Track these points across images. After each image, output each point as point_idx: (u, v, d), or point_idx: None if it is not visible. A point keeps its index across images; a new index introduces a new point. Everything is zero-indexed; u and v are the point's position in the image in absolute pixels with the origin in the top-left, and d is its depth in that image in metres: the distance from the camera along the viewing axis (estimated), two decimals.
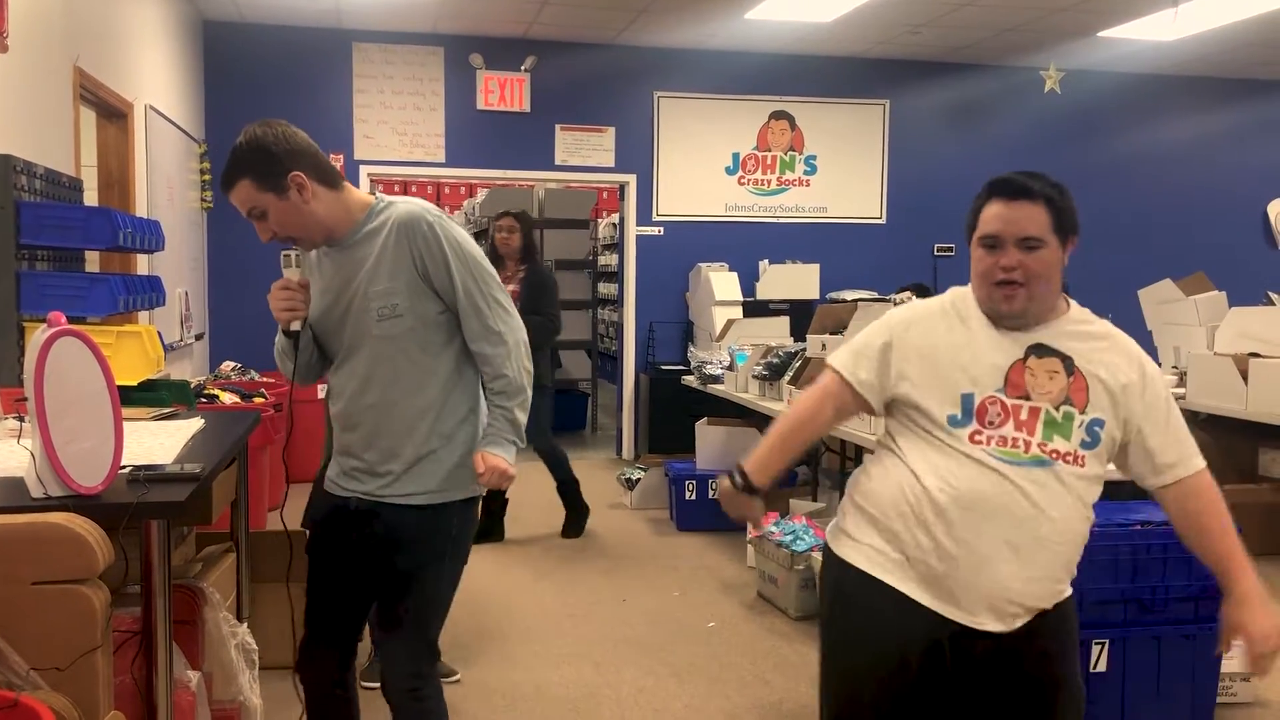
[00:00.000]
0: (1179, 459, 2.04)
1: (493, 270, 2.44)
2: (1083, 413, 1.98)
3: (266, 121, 2.34)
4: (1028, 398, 1.98)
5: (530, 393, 2.44)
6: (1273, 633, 1.97)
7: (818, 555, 4.54)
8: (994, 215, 1.99)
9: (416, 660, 2.46)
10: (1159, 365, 6.78)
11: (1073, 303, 2.08)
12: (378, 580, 2.46)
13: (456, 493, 2.43)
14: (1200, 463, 2.05)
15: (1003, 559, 1.95)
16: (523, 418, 2.42)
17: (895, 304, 6.41)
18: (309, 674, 2.57)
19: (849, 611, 2.10)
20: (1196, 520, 2.05)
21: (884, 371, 2.08)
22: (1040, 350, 2.00)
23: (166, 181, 6.30)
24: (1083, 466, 1.98)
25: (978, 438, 1.98)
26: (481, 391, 2.51)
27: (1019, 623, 2.00)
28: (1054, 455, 1.96)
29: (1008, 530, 1.95)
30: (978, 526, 1.95)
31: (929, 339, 2.05)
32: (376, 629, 2.51)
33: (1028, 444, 1.96)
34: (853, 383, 2.11)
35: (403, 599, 2.43)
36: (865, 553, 2.07)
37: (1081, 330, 2.04)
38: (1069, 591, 2.08)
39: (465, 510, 2.47)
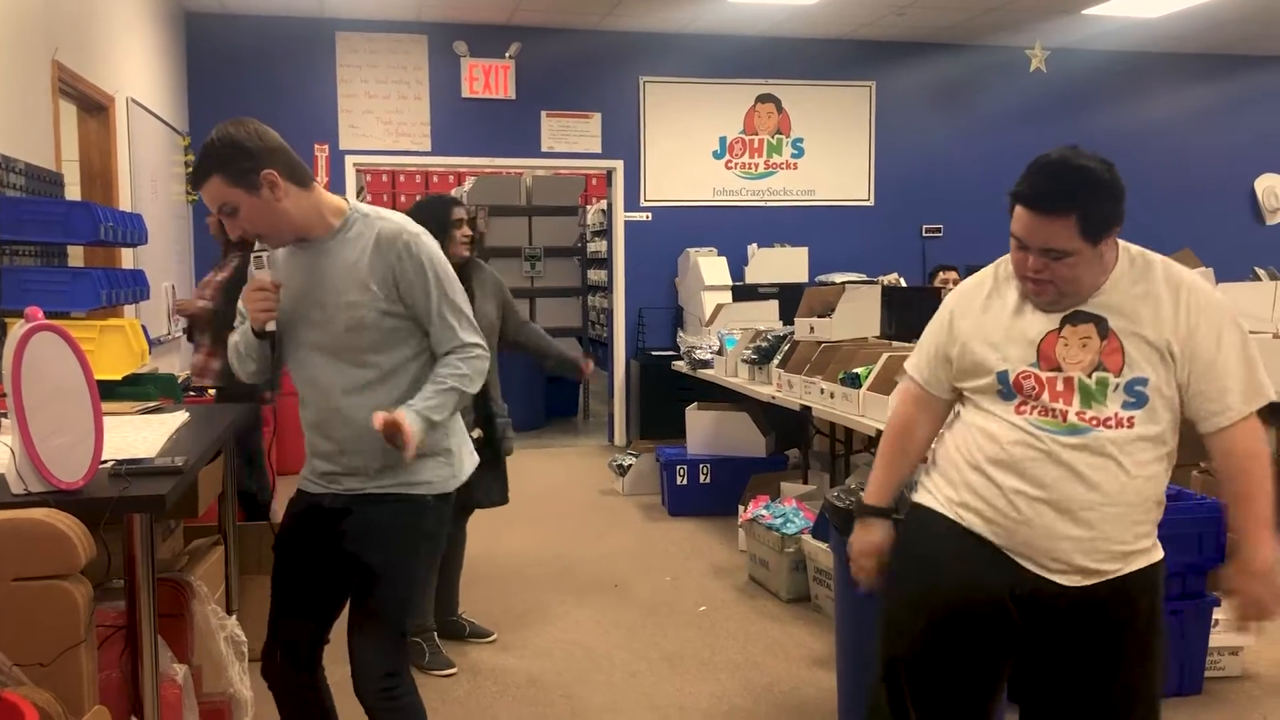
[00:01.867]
0: (1220, 409, 1.98)
1: (460, 286, 2.46)
2: (1119, 375, 1.97)
3: (239, 120, 2.33)
4: (1059, 369, 2.00)
5: (464, 398, 2.42)
6: (1264, 600, 2.00)
7: (808, 538, 4.56)
8: (1022, 221, 1.98)
9: (390, 659, 2.43)
10: None
11: (1123, 253, 2.02)
12: (349, 578, 2.43)
13: (429, 488, 2.43)
14: (1238, 412, 1.97)
15: (1047, 521, 2.00)
16: (441, 411, 2.37)
17: (883, 286, 6.41)
18: (273, 675, 2.53)
19: (919, 542, 2.17)
20: (1226, 482, 2.04)
21: (943, 366, 2.18)
22: (1075, 318, 2.01)
23: (150, 175, 6.27)
24: (1131, 428, 1.98)
25: (1022, 409, 2.04)
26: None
27: (1081, 580, 2.01)
28: (1094, 422, 1.97)
29: (1048, 494, 1.99)
30: (1022, 488, 2.01)
31: (970, 324, 2.12)
32: (350, 628, 2.47)
33: (1064, 414, 1.99)
34: (921, 383, 2.23)
35: (375, 594, 2.41)
36: (939, 499, 2.15)
37: (1126, 285, 2.00)
38: (1153, 555, 2.07)
39: (439, 507, 2.46)
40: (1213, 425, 2.00)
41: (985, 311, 2.10)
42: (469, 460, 2.55)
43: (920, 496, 2.21)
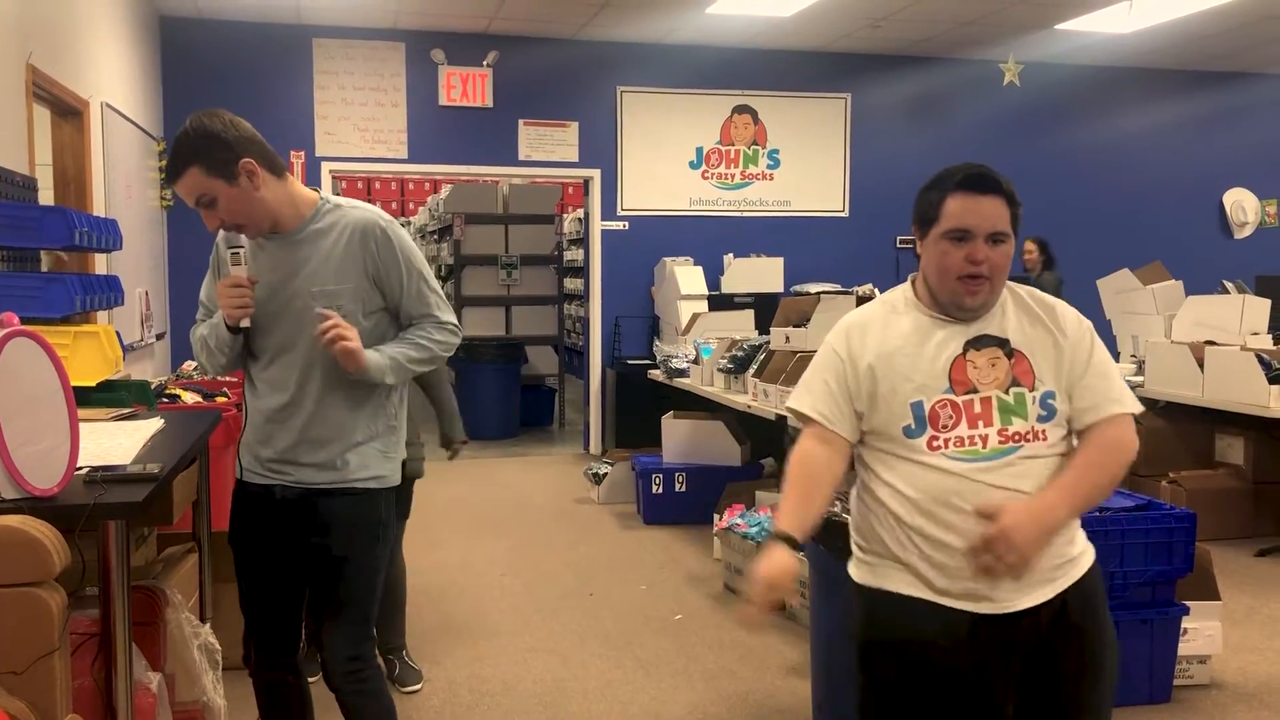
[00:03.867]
0: (1092, 404, 2.00)
1: (431, 274, 2.53)
2: (1033, 390, 1.99)
3: (211, 110, 2.34)
4: (975, 390, 1.98)
5: (430, 364, 2.49)
6: (1014, 528, 1.86)
7: None
8: (963, 209, 1.96)
9: (356, 644, 2.49)
10: (1116, 354, 6.89)
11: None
12: (310, 567, 2.48)
13: (384, 480, 2.50)
14: (1116, 409, 2.00)
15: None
16: (407, 363, 2.43)
17: (857, 297, 6.46)
18: (258, 665, 2.59)
19: (887, 629, 2.05)
20: (1081, 453, 2.00)
21: (843, 400, 2.04)
22: (979, 342, 2.00)
23: (124, 180, 6.23)
24: (1045, 440, 1.98)
25: (934, 443, 1.97)
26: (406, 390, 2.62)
27: (1046, 590, 1.97)
28: (1016, 439, 1.96)
29: (978, 527, 1.92)
30: (957, 525, 1.94)
31: (871, 352, 2.03)
32: (313, 617, 2.53)
33: (985, 439, 1.96)
34: (823, 420, 2.05)
35: (338, 584, 2.47)
36: (881, 572, 2.05)
37: (1013, 308, 2.05)
38: (1086, 559, 2.04)
39: (388, 497, 2.54)
40: (1096, 415, 2.00)
41: (886, 341, 2.03)
42: (403, 453, 2.61)
43: (869, 577, 2.08)
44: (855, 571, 2.13)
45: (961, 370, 1.99)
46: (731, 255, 8.65)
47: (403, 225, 3.10)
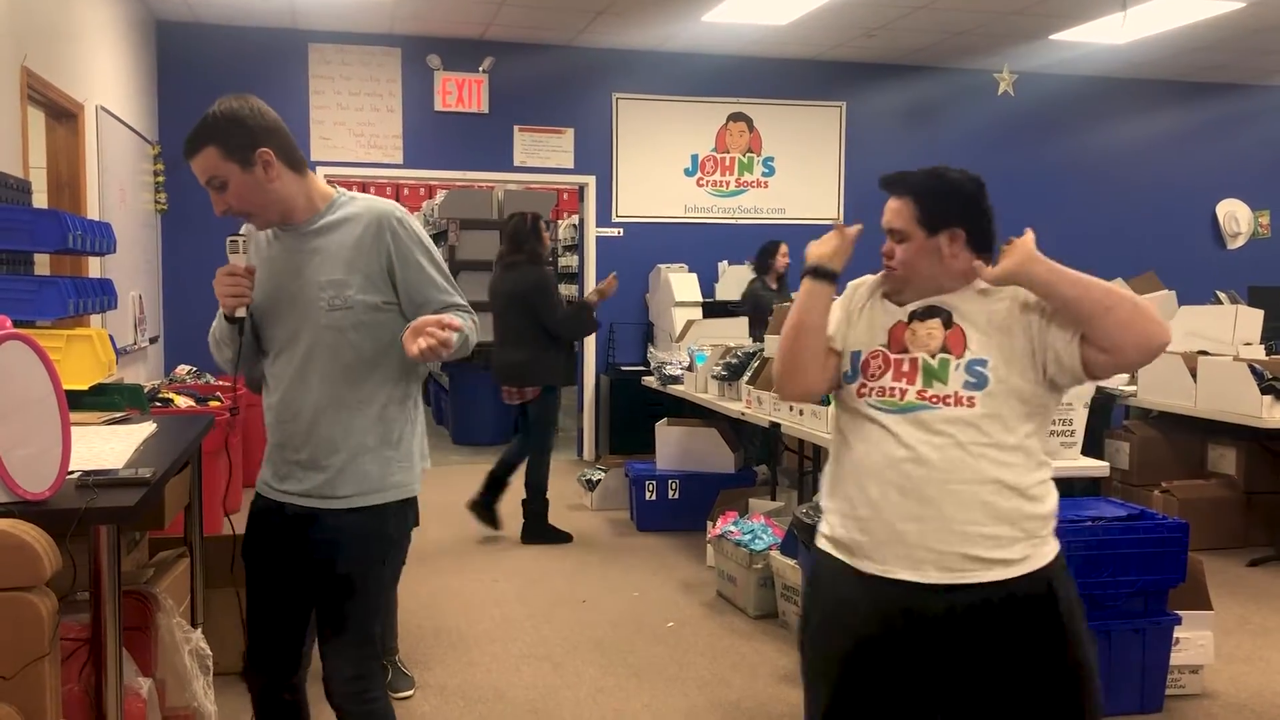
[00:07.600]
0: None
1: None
2: (960, 357, 2.07)
3: (241, 95, 2.36)
4: (906, 350, 2.12)
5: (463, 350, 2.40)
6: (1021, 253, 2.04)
7: (776, 554, 4.58)
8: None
9: (361, 662, 2.44)
10: None
11: (979, 283, 2.15)
12: (317, 585, 2.43)
13: (394, 493, 2.42)
14: None
15: (894, 505, 2.04)
16: (460, 341, 2.34)
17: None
18: (255, 680, 2.54)
19: (814, 592, 2.26)
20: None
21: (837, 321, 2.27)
22: (922, 314, 2.14)
23: (118, 183, 6.22)
24: (972, 407, 2.03)
25: (862, 390, 2.14)
26: (420, 399, 2.54)
27: (943, 576, 2.00)
28: (934, 400, 2.05)
29: (890, 476, 2.05)
30: (869, 478, 2.08)
31: (847, 309, 2.27)
32: (319, 634, 2.48)
33: (904, 392, 2.08)
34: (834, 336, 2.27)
35: (344, 603, 2.41)
36: (820, 536, 2.23)
37: (973, 297, 2.13)
38: (1039, 559, 2.05)
39: (402, 511, 2.46)
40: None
41: (855, 304, 2.26)
42: (422, 462, 2.54)
43: (817, 538, 2.24)
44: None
45: (901, 332, 2.14)
46: (726, 262, 8.66)
47: None
